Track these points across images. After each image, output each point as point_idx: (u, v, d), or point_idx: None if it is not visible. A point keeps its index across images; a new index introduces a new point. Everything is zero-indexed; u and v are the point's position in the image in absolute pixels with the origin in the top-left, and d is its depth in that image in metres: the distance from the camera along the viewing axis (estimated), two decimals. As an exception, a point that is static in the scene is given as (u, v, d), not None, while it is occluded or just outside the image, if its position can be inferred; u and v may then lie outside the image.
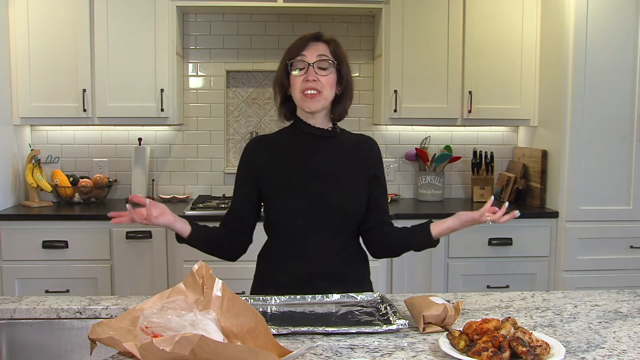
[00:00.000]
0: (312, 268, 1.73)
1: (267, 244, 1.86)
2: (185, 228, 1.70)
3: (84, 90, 3.30)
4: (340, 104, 1.79)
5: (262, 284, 1.82)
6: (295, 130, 1.81)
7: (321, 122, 1.79)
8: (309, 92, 1.70)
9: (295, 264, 1.75)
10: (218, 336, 1.27)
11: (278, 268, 1.78)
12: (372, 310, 1.56)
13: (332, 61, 1.72)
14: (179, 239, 1.74)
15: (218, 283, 1.38)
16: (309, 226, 1.74)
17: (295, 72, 1.72)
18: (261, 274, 1.85)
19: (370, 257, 1.92)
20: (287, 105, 1.81)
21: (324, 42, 1.74)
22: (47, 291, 3.08)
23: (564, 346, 1.28)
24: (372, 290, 1.83)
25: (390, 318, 1.45)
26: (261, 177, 1.78)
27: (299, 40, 1.75)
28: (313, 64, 1.70)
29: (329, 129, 1.81)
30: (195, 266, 1.41)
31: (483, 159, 3.72)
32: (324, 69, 1.71)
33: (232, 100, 3.77)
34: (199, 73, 3.74)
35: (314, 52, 1.71)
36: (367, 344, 1.33)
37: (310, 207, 1.73)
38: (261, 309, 1.55)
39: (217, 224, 1.82)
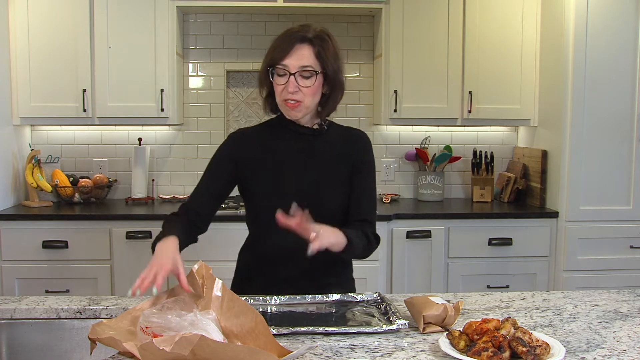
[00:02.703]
0: (293, 265, 1.71)
1: (249, 240, 1.84)
2: (177, 246, 1.59)
3: (84, 90, 3.30)
4: (329, 103, 1.72)
5: (243, 281, 1.80)
6: (280, 125, 1.77)
7: (307, 120, 1.74)
8: (289, 102, 1.65)
9: (277, 262, 1.72)
10: (218, 336, 1.27)
11: (261, 265, 1.76)
12: (372, 310, 1.56)
13: (315, 71, 1.63)
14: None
15: (218, 283, 1.38)
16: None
17: (276, 80, 1.65)
18: (243, 270, 1.82)
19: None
20: (272, 97, 1.74)
21: (309, 44, 1.64)
22: (47, 291, 3.08)
23: (564, 346, 1.28)
24: (353, 289, 1.83)
25: (390, 318, 1.45)
26: (244, 172, 1.74)
27: (284, 40, 1.65)
28: (295, 74, 1.62)
29: (316, 125, 1.76)
30: (196, 266, 1.41)
31: (483, 159, 3.72)
32: (307, 78, 1.63)
33: (232, 100, 3.77)
34: (199, 73, 3.74)
35: (297, 60, 1.62)
36: (367, 344, 1.33)
37: (291, 199, 1.65)
38: (261, 309, 1.55)
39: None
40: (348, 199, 1.75)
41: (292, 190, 1.71)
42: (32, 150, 3.52)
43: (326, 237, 1.52)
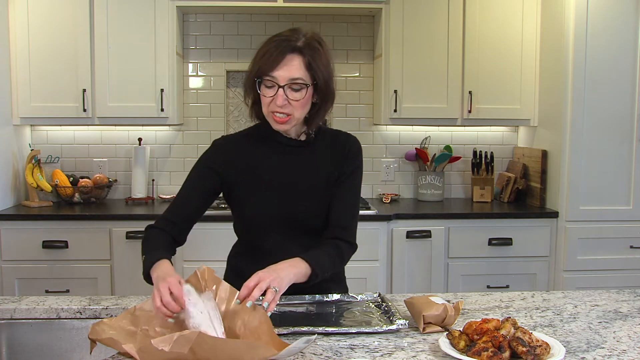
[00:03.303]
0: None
1: (237, 247, 1.81)
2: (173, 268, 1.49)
3: (84, 90, 3.30)
4: (319, 113, 1.65)
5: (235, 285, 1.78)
6: (266, 134, 1.70)
7: (294, 130, 1.68)
8: (278, 115, 1.58)
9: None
10: (218, 323, 1.28)
11: (250, 272, 1.73)
12: (372, 310, 1.56)
13: (305, 84, 1.56)
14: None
15: (223, 284, 1.39)
16: (279, 231, 1.68)
17: (263, 91, 1.58)
18: (234, 275, 1.75)
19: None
20: (258, 105, 1.65)
21: (299, 54, 1.56)
22: (47, 291, 3.08)
23: (564, 346, 1.28)
24: (346, 288, 1.82)
25: (390, 318, 1.45)
26: (229, 181, 1.69)
27: (273, 49, 1.56)
28: (284, 86, 1.55)
29: (304, 136, 1.70)
30: (201, 268, 1.42)
31: (483, 159, 3.72)
32: (296, 91, 1.56)
33: (232, 100, 3.77)
34: (199, 73, 3.74)
35: (286, 72, 1.54)
36: (367, 344, 1.33)
37: (280, 212, 1.67)
38: (261, 309, 1.55)
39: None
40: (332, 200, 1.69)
41: (279, 201, 1.68)
42: (32, 150, 3.52)
43: (285, 278, 1.42)
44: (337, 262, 1.65)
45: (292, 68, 1.55)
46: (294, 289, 1.61)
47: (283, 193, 1.68)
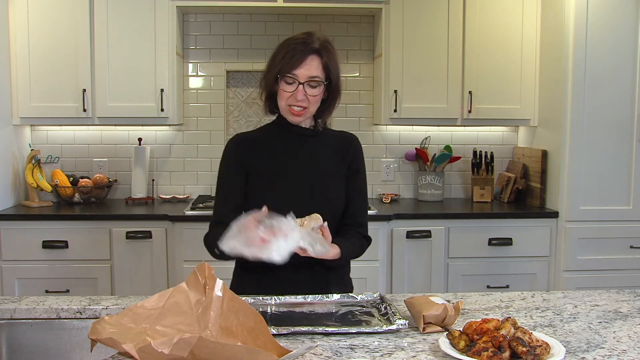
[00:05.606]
0: (292, 264, 1.68)
1: None
2: None
3: (84, 90, 3.30)
4: (328, 108, 1.80)
5: (240, 281, 1.82)
6: (278, 127, 1.83)
7: (304, 122, 1.81)
8: (295, 108, 1.72)
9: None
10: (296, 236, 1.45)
11: (259, 265, 1.75)
12: (372, 310, 1.56)
13: (322, 81, 1.72)
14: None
15: (219, 283, 1.38)
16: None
17: (284, 87, 1.72)
18: (241, 270, 1.84)
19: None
20: (272, 99, 1.80)
21: (317, 55, 1.71)
22: (47, 291, 3.08)
23: (564, 346, 1.28)
24: (351, 288, 1.86)
25: (390, 318, 1.45)
26: (249, 176, 1.79)
27: (295, 51, 1.71)
28: (303, 83, 1.70)
29: (311, 127, 1.83)
30: (200, 265, 1.41)
31: (483, 159, 3.72)
32: (314, 88, 1.71)
33: (232, 100, 3.77)
34: (199, 73, 3.74)
35: (307, 71, 1.69)
36: (367, 344, 1.33)
37: (293, 204, 1.69)
38: (261, 309, 1.55)
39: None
40: (344, 198, 1.81)
41: (295, 190, 1.75)
42: (32, 150, 3.52)
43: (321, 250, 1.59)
44: (357, 254, 1.84)
45: (312, 67, 1.71)
46: (294, 289, 1.63)
47: (297, 180, 1.78)
